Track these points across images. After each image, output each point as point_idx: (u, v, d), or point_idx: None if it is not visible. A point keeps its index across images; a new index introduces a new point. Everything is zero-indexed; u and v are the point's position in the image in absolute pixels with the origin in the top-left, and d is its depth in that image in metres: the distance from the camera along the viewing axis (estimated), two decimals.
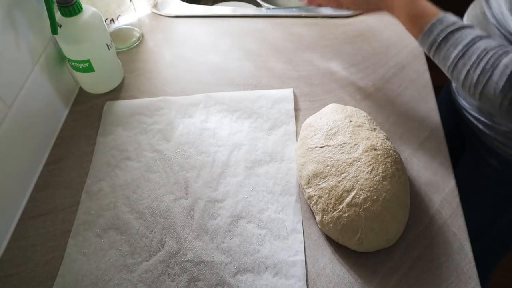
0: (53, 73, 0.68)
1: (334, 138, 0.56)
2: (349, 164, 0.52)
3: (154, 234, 0.56)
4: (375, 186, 0.50)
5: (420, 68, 0.74)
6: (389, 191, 0.50)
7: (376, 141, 0.54)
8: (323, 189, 0.52)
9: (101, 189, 0.61)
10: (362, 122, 0.58)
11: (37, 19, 0.64)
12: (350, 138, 0.55)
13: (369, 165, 0.52)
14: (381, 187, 0.50)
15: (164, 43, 0.84)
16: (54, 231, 0.57)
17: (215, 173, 0.61)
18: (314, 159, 0.55)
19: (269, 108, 0.68)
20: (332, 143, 0.55)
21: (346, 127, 0.56)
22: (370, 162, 0.52)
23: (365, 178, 0.51)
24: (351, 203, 0.50)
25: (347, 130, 0.56)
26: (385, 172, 0.51)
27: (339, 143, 0.55)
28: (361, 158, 0.52)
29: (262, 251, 0.53)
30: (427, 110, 0.67)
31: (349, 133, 0.55)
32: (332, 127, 0.57)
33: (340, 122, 0.57)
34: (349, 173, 0.51)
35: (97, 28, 0.66)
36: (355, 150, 0.53)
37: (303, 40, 0.81)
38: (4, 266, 0.55)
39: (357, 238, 0.50)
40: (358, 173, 0.51)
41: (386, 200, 0.50)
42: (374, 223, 0.49)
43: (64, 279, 0.52)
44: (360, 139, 0.54)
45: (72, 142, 0.68)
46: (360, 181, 0.51)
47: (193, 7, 0.91)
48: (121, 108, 0.71)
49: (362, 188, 0.50)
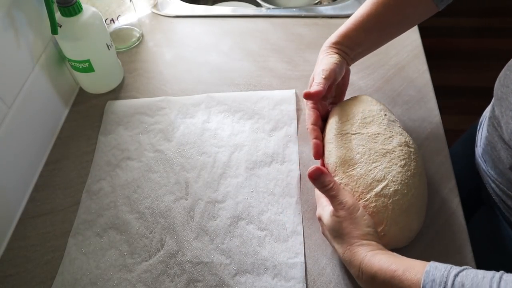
0: (53, 73, 0.68)
1: (368, 127, 0.54)
2: (382, 155, 0.51)
3: (154, 234, 0.56)
4: (406, 181, 0.49)
5: (420, 68, 0.74)
6: (418, 188, 0.50)
7: (409, 139, 0.54)
8: (351, 176, 0.51)
9: (101, 188, 0.61)
10: (395, 119, 0.57)
11: (37, 19, 0.64)
12: (385, 130, 0.54)
13: (402, 159, 0.51)
14: (412, 182, 0.50)
15: (164, 43, 0.84)
16: (54, 231, 0.57)
17: (215, 174, 0.61)
18: (344, 145, 0.53)
19: (270, 109, 0.68)
20: (365, 131, 0.54)
21: (381, 119, 0.55)
22: (403, 157, 0.51)
23: (398, 171, 0.50)
24: (380, 193, 0.49)
25: (382, 122, 0.55)
26: (416, 170, 0.51)
27: (373, 133, 0.53)
28: (395, 151, 0.51)
29: (262, 252, 0.53)
30: (427, 110, 0.67)
31: (384, 125, 0.54)
32: (366, 116, 0.56)
33: (375, 113, 0.56)
34: (382, 163, 0.50)
35: (97, 28, 0.66)
36: (389, 142, 0.52)
37: (303, 40, 0.81)
38: (4, 266, 0.55)
39: (380, 230, 0.48)
40: (391, 165, 0.50)
41: (414, 197, 0.49)
42: (400, 217, 0.48)
43: (63, 277, 0.53)
44: (394, 134, 0.53)
45: (72, 142, 0.68)
46: (392, 173, 0.50)
47: (193, 7, 0.91)
48: (122, 107, 0.71)
49: (394, 180, 0.49)
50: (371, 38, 0.60)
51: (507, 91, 0.54)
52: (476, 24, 2.04)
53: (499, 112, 0.55)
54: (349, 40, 0.60)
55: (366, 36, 0.60)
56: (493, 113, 0.58)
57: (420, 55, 0.76)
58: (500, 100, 0.56)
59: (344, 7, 0.87)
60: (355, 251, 0.45)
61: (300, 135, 0.65)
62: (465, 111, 1.61)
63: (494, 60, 0.67)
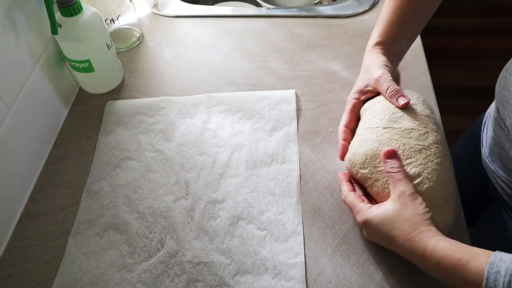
0: (53, 73, 0.68)
1: (400, 122, 0.52)
2: (417, 151, 0.49)
3: (154, 234, 0.56)
4: (442, 179, 0.48)
5: (420, 68, 0.74)
6: (453, 186, 0.50)
7: (441, 136, 0.52)
8: (381, 172, 0.49)
9: (101, 188, 0.61)
10: (429, 113, 0.54)
11: (37, 19, 0.64)
12: (419, 125, 0.51)
13: (438, 157, 0.49)
14: (447, 180, 0.49)
15: (164, 43, 0.84)
16: (54, 231, 0.57)
17: (215, 174, 0.61)
18: (376, 138, 0.51)
19: (270, 109, 0.68)
20: (397, 126, 0.51)
21: (413, 114, 0.52)
22: (439, 155, 0.49)
23: (433, 168, 0.48)
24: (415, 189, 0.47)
25: (414, 117, 0.52)
26: (451, 170, 0.50)
27: (406, 128, 0.51)
28: (431, 148, 0.49)
29: (262, 252, 0.53)
30: None
31: (418, 120, 0.52)
32: (396, 111, 0.53)
33: (409, 107, 0.53)
34: (417, 159, 0.49)
35: (97, 28, 0.66)
36: (424, 138, 0.50)
37: (303, 40, 0.81)
38: (4, 266, 0.55)
39: None
40: (427, 161, 0.48)
41: (449, 194, 0.49)
42: (437, 210, 0.47)
43: (63, 277, 0.53)
44: (429, 130, 0.51)
45: (72, 142, 0.68)
46: (428, 170, 0.48)
47: (193, 7, 0.91)
48: (122, 107, 0.71)
49: (429, 177, 0.48)
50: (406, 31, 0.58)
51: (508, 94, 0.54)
52: (476, 24, 2.04)
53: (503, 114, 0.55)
54: (389, 38, 0.58)
55: (402, 30, 0.58)
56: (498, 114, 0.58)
57: (420, 55, 0.76)
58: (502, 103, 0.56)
59: (344, 7, 0.87)
60: (418, 239, 0.44)
61: (300, 135, 0.65)
62: (465, 111, 1.61)
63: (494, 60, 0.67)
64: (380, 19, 0.59)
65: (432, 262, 0.43)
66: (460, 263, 0.41)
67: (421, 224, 0.45)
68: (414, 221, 0.45)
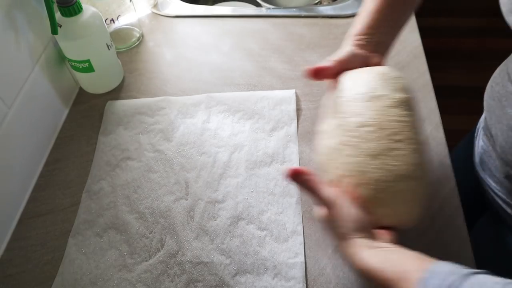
0: (53, 73, 0.68)
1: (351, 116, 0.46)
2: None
3: (154, 234, 0.56)
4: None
5: (420, 68, 0.74)
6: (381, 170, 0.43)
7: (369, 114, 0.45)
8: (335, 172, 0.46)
9: (101, 188, 0.61)
10: (384, 93, 0.46)
11: (37, 19, 0.64)
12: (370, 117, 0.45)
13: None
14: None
15: (164, 43, 0.84)
16: (54, 231, 0.57)
17: (215, 174, 0.61)
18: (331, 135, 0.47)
19: (270, 109, 0.68)
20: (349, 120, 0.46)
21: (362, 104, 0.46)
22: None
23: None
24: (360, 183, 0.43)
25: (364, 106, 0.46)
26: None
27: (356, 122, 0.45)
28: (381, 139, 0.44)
29: (262, 252, 0.53)
30: (427, 110, 0.67)
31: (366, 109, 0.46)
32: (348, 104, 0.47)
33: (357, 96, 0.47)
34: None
35: (97, 28, 0.66)
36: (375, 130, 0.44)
37: (303, 40, 0.81)
38: (4, 266, 0.55)
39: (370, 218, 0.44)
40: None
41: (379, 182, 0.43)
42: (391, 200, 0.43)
43: (63, 277, 0.53)
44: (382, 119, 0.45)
45: (72, 142, 0.68)
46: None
47: (193, 7, 0.91)
48: (122, 107, 0.71)
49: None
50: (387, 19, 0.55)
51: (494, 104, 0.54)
52: (476, 24, 2.04)
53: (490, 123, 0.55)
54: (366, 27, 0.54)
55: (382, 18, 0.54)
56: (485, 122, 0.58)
57: (420, 55, 0.76)
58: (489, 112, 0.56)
59: (344, 7, 0.87)
60: (348, 252, 0.42)
61: (300, 135, 0.65)
62: (465, 111, 1.61)
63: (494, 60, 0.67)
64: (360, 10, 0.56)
65: (363, 275, 0.40)
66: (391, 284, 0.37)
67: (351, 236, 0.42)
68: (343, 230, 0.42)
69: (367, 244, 0.41)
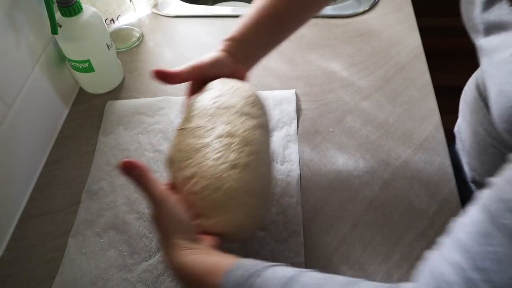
0: (53, 73, 0.68)
1: (192, 121, 0.48)
2: (196, 150, 0.45)
3: (154, 234, 0.55)
4: (219, 175, 0.43)
5: (420, 67, 0.74)
6: (238, 181, 0.43)
7: (238, 127, 0.46)
8: (174, 177, 0.47)
9: (101, 188, 0.61)
10: (234, 103, 0.49)
11: (37, 19, 0.64)
12: (209, 121, 0.47)
13: (218, 152, 0.44)
14: (226, 176, 0.43)
15: (164, 43, 0.84)
16: (54, 231, 0.57)
17: None
18: (173, 142, 0.49)
19: (271, 109, 0.68)
20: (189, 125, 0.48)
21: (207, 109, 0.48)
22: (220, 149, 0.45)
23: (210, 165, 0.44)
24: (191, 190, 0.44)
25: (209, 111, 0.48)
26: (237, 161, 0.44)
27: (194, 126, 0.47)
28: (213, 143, 0.45)
29: (262, 252, 0.53)
30: (427, 110, 0.67)
31: (209, 115, 0.48)
32: (193, 110, 0.49)
33: (205, 101, 0.49)
34: (195, 159, 0.45)
35: (97, 28, 0.66)
36: (208, 135, 0.46)
37: (303, 40, 0.81)
38: (4, 266, 0.55)
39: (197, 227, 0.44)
40: (204, 159, 0.44)
41: (232, 190, 0.43)
42: (214, 212, 0.43)
43: (63, 278, 0.52)
44: (219, 124, 0.47)
45: (72, 142, 0.68)
46: (203, 168, 0.44)
47: (193, 7, 0.91)
48: (122, 107, 0.71)
49: (203, 175, 0.44)
50: (264, 33, 0.55)
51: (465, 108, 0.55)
52: None
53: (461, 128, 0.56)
54: (241, 35, 0.54)
55: (259, 31, 0.54)
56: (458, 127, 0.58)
57: (420, 55, 0.76)
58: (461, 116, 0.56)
59: (344, 7, 0.87)
60: (166, 254, 0.41)
61: (300, 135, 0.65)
62: None
63: None
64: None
65: (176, 276, 0.41)
66: (198, 280, 0.38)
67: (172, 236, 0.41)
68: (164, 234, 0.42)
69: (186, 245, 0.41)
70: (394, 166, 0.61)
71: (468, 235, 0.30)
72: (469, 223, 0.30)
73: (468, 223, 0.30)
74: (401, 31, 0.81)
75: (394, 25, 0.82)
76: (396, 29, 0.81)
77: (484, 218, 0.29)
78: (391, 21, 0.83)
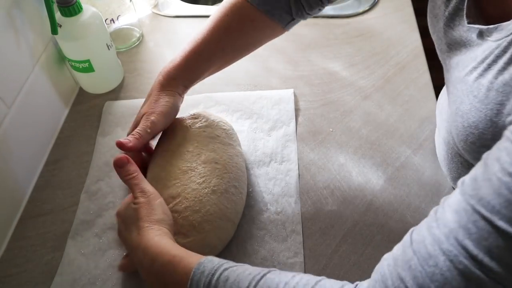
0: (53, 73, 0.68)
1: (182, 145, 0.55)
2: (183, 172, 0.52)
3: None
4: (201, 198, 0.50)
5: (420, 67, 0.74)
6: (217, 206, 0.50)
7: (222, 155, 0.54)
8: None
9: (100, 189, 0.61)
10: (218, 134, 0.57)
11: (37, 19, 0.64)
12: (197, 147, 0.54)
13: (202, 176, 0.51)
14: (207, 200, 0.50)
15: (164, 43, 0.84)
16: (54, 231, 0.57)
17: None
18: (158, 162, 0.54)
19: (269, 109, 0.68)
20: (176, 149, 0.54)
21: (196, 136, 0.55)
22: (204, 174, 0.51)
23: (194, 188, 0.50)
24: (172, 209, 0.49)
25: (197, 139, 0.55)
26: (218, 187, 0.51)
27: (183, 151, 0.54)
28: (197, 168, 0.52)
29: (261, 252, 0.53)
30: (427, 110, 0.67)
31: (197, 142, 0.55)
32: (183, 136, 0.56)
33: (193, 130, 0.56)
34: (181, 180, 0.51)
35: (97, 28, 0.66)
36: (195, 159, 0.53)
37: (304, 40, 0.81)
38: (4, 266, 0.55)
39: None
40: (189, 182, 0.51)
41: (209, 214, 0.49)
42: (191, 232, 0.49)
43: (62, 278, 0.52)
44: (205, 151, 0.54)
45: (72, 142, 0.68)
46: (188, 190, 0.50)
47: (193, 7, 0.91)
48: (120, 108, 0.71)
49: (187, 197, 0.50)
50: (213, 66, 0.58)
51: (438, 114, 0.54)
52: None
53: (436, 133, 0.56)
54: (189, 73, 0.57)
55: (209, 65, 0.57)
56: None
57: (420, 55, 0.76)
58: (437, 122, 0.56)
59: (344, 7, 0.87)
60: (144, 233, 0.44)
61: (300, 135, 0.65)
62: None
63: None
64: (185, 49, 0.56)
65: (148, 258, 0.42)
66: (174, 260, 0.41)
67: (154, 223, 0.45)
68: (148, 219, 0.45)
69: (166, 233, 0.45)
70: (394, 166, 0.61)
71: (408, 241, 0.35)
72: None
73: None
74: (401, 31, 0.81)
75: (394, 25, 0.82)
76: (396, 29, 0.81)
77: None
78: (391, 21, 0.83)
